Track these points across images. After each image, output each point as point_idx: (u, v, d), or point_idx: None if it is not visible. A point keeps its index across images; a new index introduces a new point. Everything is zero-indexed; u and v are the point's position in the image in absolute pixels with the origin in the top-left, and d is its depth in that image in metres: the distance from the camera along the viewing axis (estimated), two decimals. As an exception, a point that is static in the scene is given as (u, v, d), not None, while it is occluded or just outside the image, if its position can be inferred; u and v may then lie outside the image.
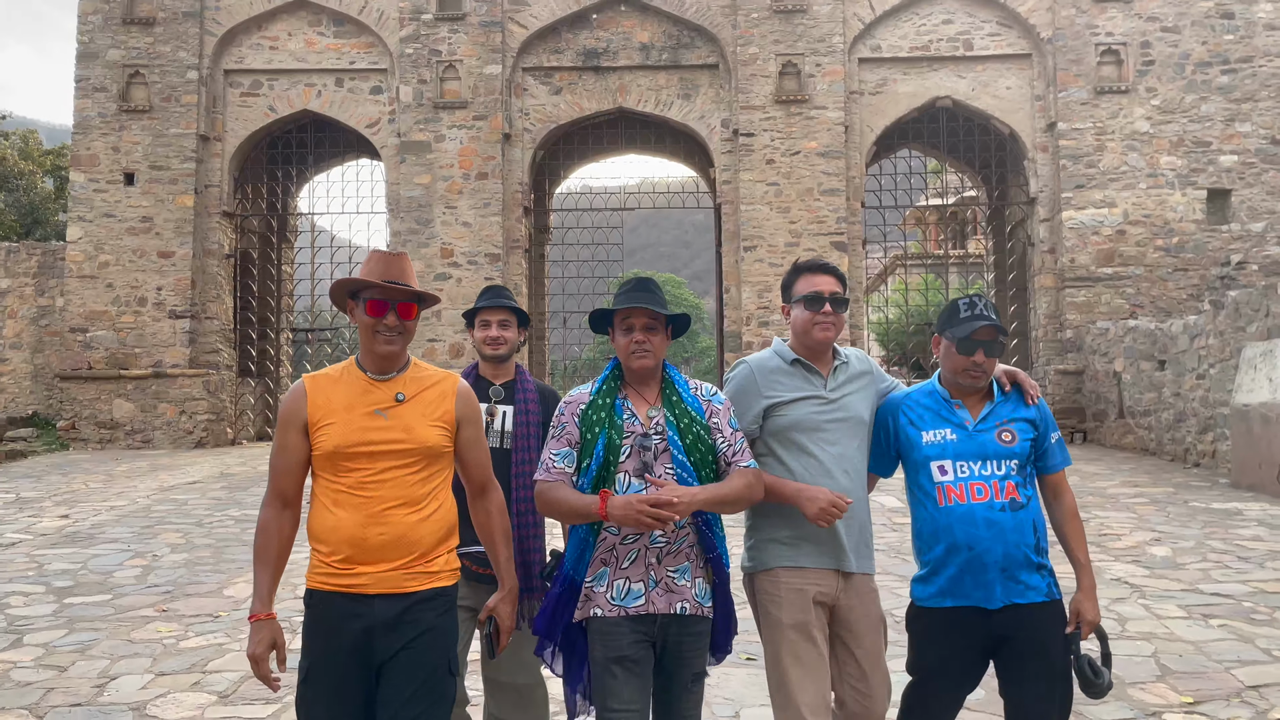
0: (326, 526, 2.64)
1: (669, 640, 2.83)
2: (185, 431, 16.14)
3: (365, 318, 2.69)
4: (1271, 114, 15.60)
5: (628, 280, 3.03)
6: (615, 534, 2.82)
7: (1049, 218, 16.07)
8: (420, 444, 2.67)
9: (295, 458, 2.69)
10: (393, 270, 2.72)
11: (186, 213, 16.45)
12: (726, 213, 16.67)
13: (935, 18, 16.33)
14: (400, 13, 16.57)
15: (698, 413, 2.92)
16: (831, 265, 3.20)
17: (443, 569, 2.71)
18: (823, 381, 3.10)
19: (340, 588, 2.60)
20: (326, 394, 2.69)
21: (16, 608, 6.46)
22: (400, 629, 2.60)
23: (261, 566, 2.69)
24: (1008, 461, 2.98)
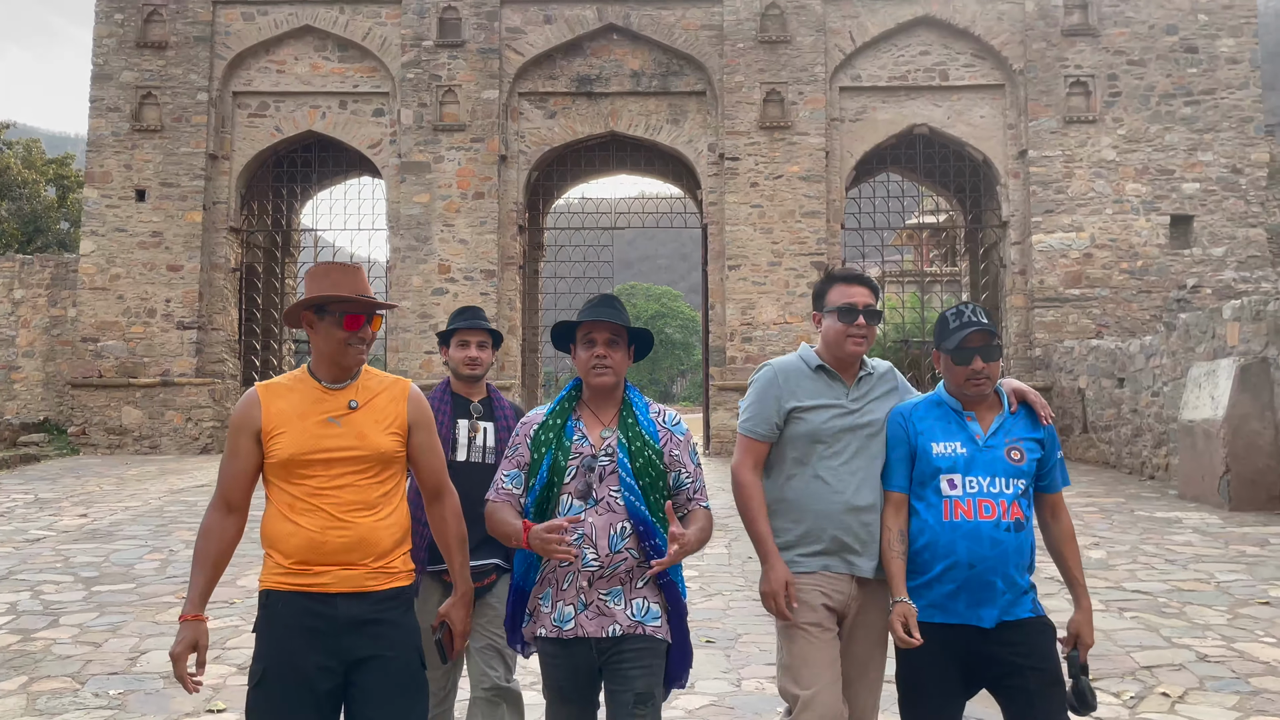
0: (283, 533, 2.64)
1: (607, 662, 2.80)
2: (191, 438, 16.82)
3: (338, 331, 2.68)
4: (1232, 144, 16.38)
5: (592, 298, 3.03)
6: None
7: (1020, 241, 16.82)
8: (374, 450, 2.69)
9: (245, 465, 2.70)
10: (358, 283, 2.73)
11: (195, 228, 17.17)
12: (712, 233, 17.42)
13: (913, 49, 17.12)
14: (402, 39, 17.33)
15: (652, 437, 2.89)
16: (866, 276, 3.16)
17: (401, 569, 2.73)
18: (845, 390, 3.07)
19: (301, 587, 2.61)
20: (280, 402, 2.69)
21: (50, 594, 7.14)
22: (367, 628, 2.62)
23: (199, 569, 2.68)
24: (1016, 481, 2.93)
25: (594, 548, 2.78)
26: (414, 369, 16.77)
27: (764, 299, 16.84)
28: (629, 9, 17.29)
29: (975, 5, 16.91)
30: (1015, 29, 16.81)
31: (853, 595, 3.01)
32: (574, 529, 2.73)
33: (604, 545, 2.79)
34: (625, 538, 2.81)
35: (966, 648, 2.88)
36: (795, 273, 16.82)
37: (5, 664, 5.58)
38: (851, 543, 2.99)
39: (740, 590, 7.25)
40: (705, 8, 17.27)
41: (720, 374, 16.99)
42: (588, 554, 2.77)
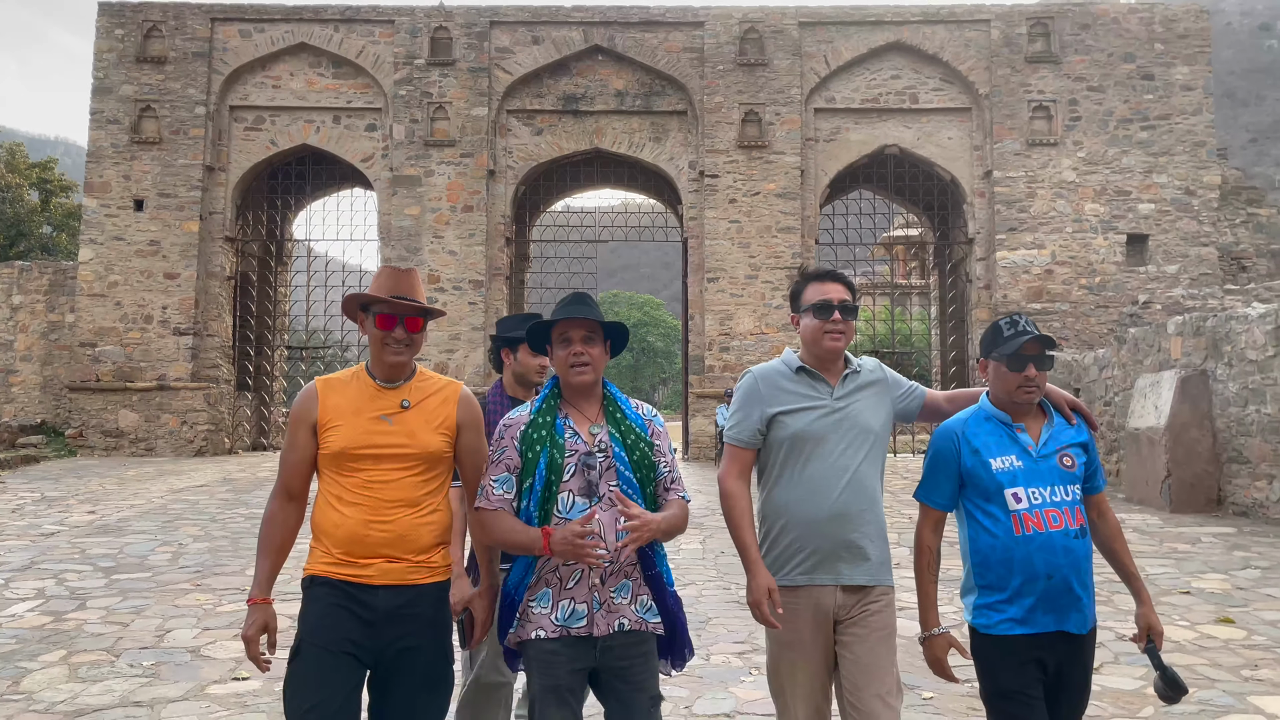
0: (331, 522, 2.74)
1: (613, 662, 2.80)
2: (186, 441, 17.35)
3: (374, 330, 2.80)
4: (1186, 167, 17.24)
5: (566, 295, 3.04)
6: None
7: (985, 257, 17.61)
8: (423, 449, 2.78)
9: (303, 455, 2.80)
10: (401, 286, 2.83)
11: (192, 237, 17.74)
12: (692, 246, 18.13)
13: (885, 73, 17.91)
14: (395, 58, 17.98)
15: (642, 430, 2.92)
16: (840, 273, 3.14)
17: (440, 564, 2.82)
18: (829, 390, 3.03)
19: (345, 576, 2.70)
20: (337, 397, 2.80)
21: (73, 581, 7.73)
22: (401, 621, 2.70)
23: (263, 555, 2.80)
24: (1073, 487, 2.95)
25: (604, 544, 2.77)
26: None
27: (741, 310, 17.55)
28: (614, 31, 18.01)
29: (944, 32, 17.72)
30: (981, 55, 17.63)
31: (840, 603, 2.96)
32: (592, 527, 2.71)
33: (612, 540, 2.78)
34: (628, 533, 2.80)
35: (1045, 656, 2.86)
36: (771, 285, 17.54)
37: (43, 640, 6.19)
38: (838, 550, 2.94)
39: (712, 581, 7.91)
40: (687, 31, 18.02)
41: (699, 382, 17.68)
42: (599, 551, 2.76)
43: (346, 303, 2.90)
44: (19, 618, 6.70)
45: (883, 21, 17.85)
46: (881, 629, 2.97)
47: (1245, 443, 10.93)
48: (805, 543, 2.95)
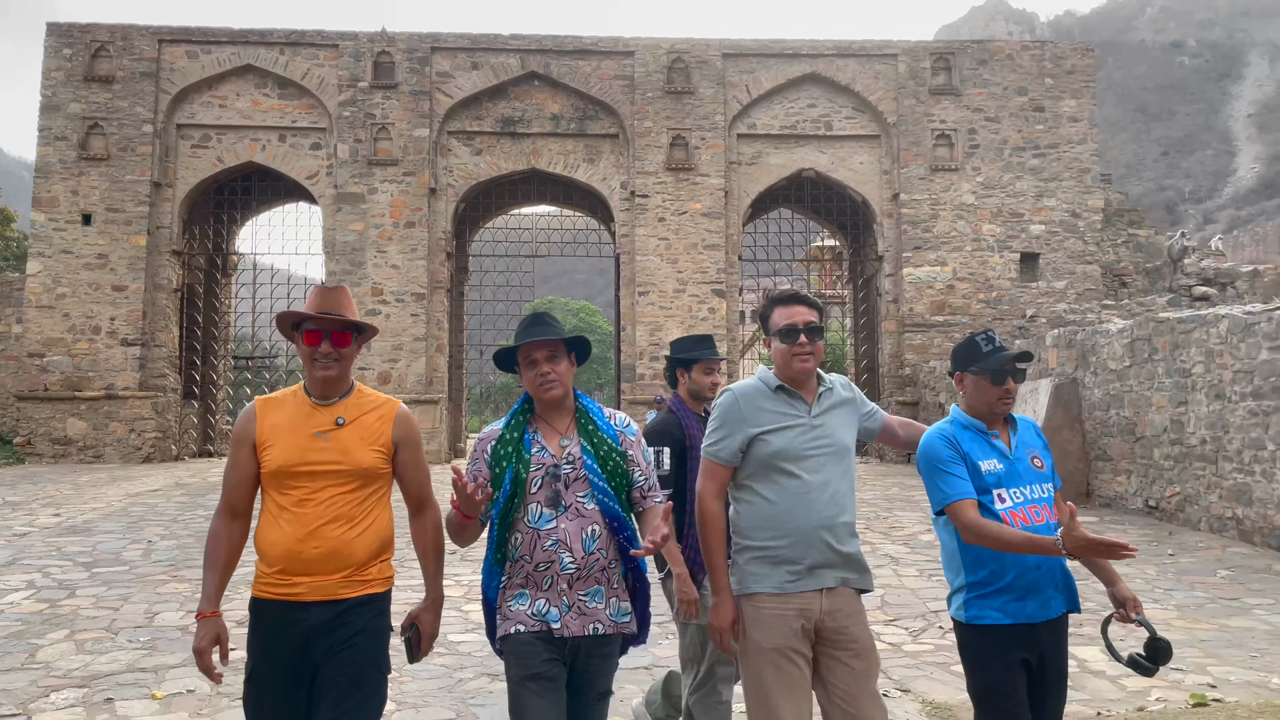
0: (268, 540, 2.81)
1: (579, 660, 2.93)
2: (135, 448, 17.93)
3: (303, 347, 2.87)
4: (1073, 191, 18.90)
5: (525, 317, 3.14)
6: (529, 562, 2.94)
7: (893, 273, 19.06)
8: (356, 466, 2.84)
9: (245, 474, 2.87)
10: (328, 302, 2.91)
11: (139, 251, 18.33)
12: (624, 261, 19.26)
13: (801, 102, 19.28)
14: (339, 80, 18.81)
15: (613, 440, 3.02)
16: (804, 295, 3.21)
17: (376, 577, 2.87)
18: (807, 408, 3.10)
19: (280, 596, 2.78)
20: (275, 416, 2.88)
21: (58, 574, 8.55)
22: (335, 631, 2.77)
23: (210, 570, 2.86)
24: (1046, 485, 3.13)
25: (569, 552, 2.91)
26: (347, 384, 18.18)
27: (670, 322, 18.73)
28: (549, 59, 19.08)
29: (856, 65, 19.16)
30: (890, 87, 19.09)
31: (822, 609, 3.02)
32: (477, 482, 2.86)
33: (579, 549, 2.91)
34: (596, 539, 2.94)
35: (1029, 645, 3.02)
36: (698, 299, 18.76)
37: (45, 622, 7.05)
38: (821, 560, 3.01)
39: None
40: (618, 60, 19.17)
41: (630, 389, 18.80)
42: (565, 558, 2.90)
43: (279, 323, 2.97)
44: (17, 605, 7.53)
45: (800, 54, 19.23)
46: (865, 638, 3.06)
47: (1108, 443, 12.41)
48: (795, 552, 3.00)
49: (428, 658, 3.17)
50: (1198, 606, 7.43)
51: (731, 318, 19.05)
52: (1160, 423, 11.29)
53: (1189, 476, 10.75)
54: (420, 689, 5.64)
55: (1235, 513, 9.94)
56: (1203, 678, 5.74)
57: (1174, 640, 6.31)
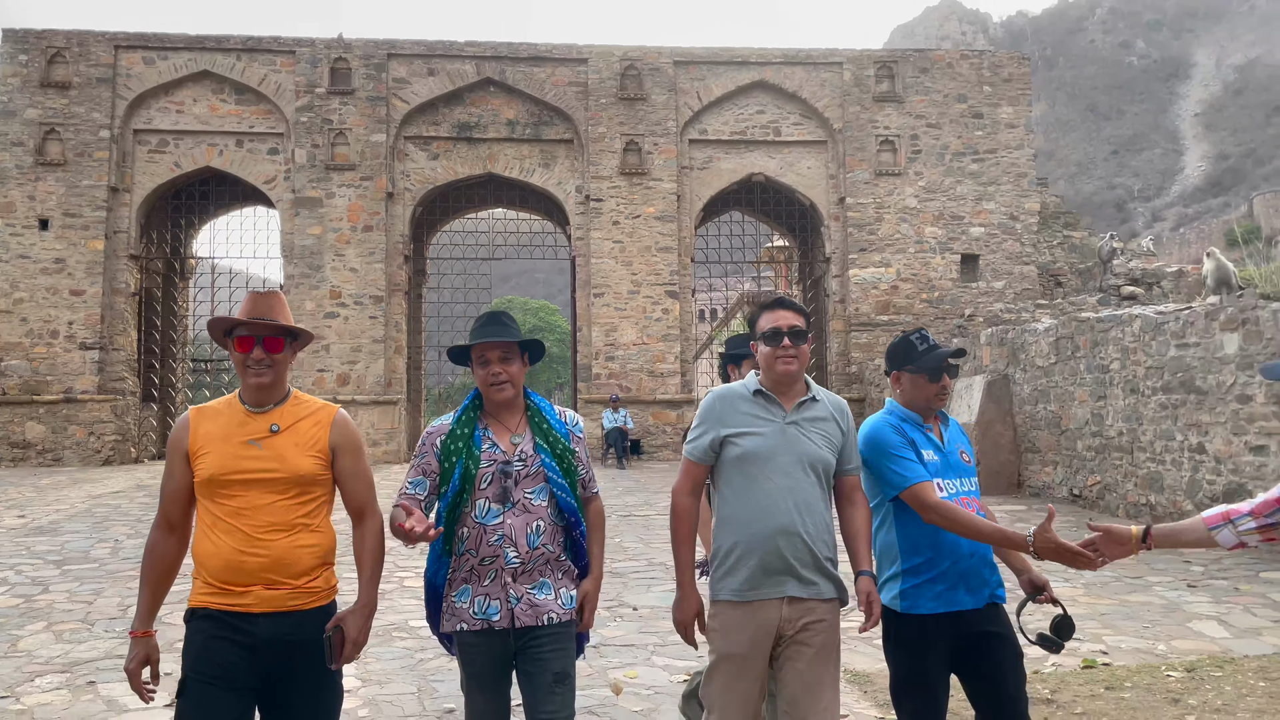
0: (207, 551, 2.74)
1: (533, 649, 2.98)
2: (94, 451, 18.08)
3: (235, 354, 2.84)
4: (1010, 195, 19.70)
5: (481, 315, 3.18)
6: (475, 556, 3.00)
7: (840, 274, 19.74)
8: (292, 473, 2.78)
9: (180, 484, 2.80)
10: (259, 308, 2.86)
11: (97, 255, 18.46)
12: (580, 264, 19.74)
13: (751, 108, 19.88)
14: (296, 86, 19.07)
15: (564, 437, 3.10)
16: (789, 300, 3.28)
17: (323, 587, 2.84)
18: (783, 414, 3.10)
19: (224, 606, 2.71)
20: (209, 424, 2.82)
21: (30, 571, 8.85)
22: (284, 645, 2.72)
23: (145, 586, 2.81)
24: (970, 479, 3.28)
25: (514, 546, 2.97)
26: (306, 386, 18.46)
27: (625, 323, 19.24)
28: (504, 65, 19.49)
29: (803, 73, 19.80)
30: (835, 94, 19.76)
31: (785, 617, 3.00)
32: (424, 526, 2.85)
33: (523, 544, 2.98)
34: (541, 534, 3.01)
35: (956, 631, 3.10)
36: (652, 300, 19.29)
37: (23, 615, 7.39)
38: (782, 568, 2.99)
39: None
40: (572, 67, 19.63)
41: (587, 388, 19.28)
42: (509, 553, 2.95)
43: (211, 329, 2.95)
44: (-7, 600, 7.86)
45: (749, 62, 19.83)
46: (825, 646, 3.01)
47: (1036, 435, 13.13)
48: (750, 558, 3.00)
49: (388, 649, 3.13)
50: (1103, 584, 8.08)
51: (685, 318, 19.61)
52: (1082, 416, 12.01)
53: (1108, 466, 11.47)
54: (384, 669, 6.08)
55: (1149, 499, 10.66)
56: (1097, 645, 6.36)
57: (1077, 614, 6.93)
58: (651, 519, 12.06)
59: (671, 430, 19.00)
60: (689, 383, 19.79)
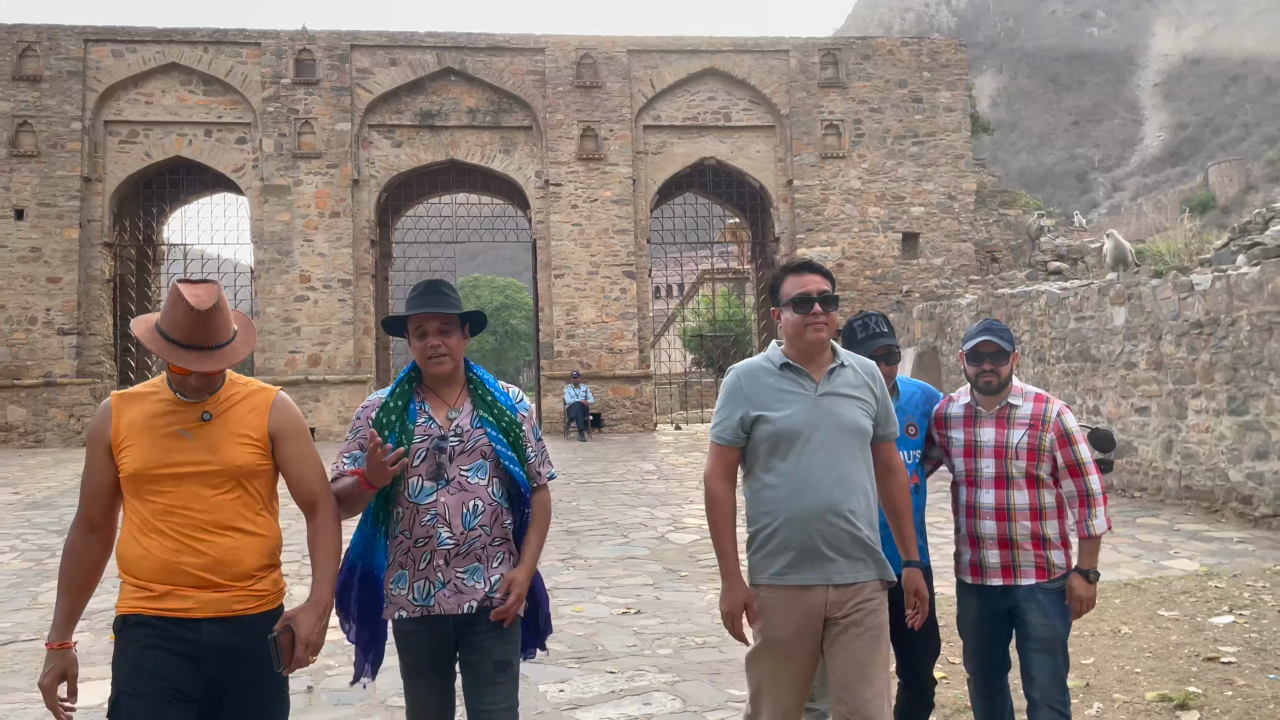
0: (136, 554, 2.49)
1: (464, 636, 2.86)
2: (74, 432, 18.79)
3: (171, 371, 2.54)
4: (948, 176, 20.77)
5: (419, 284, 2.96)
6: (409, 538, 2.85)
7: (789, 252, 20.75)
8: (228, 465, 2.54)
9: (101, 478, 2.55)
10: (200, 333, 2.48)
11: (72, 244, 19.10)
12: (540, 246, 20.61)
13: (702, 95, 20.78)
14: (262, 77, 19.72)
15: (511, 411, 2.94)
16: (817, 264, 3.11)
17: (270, 590, 2.62)
18: (814, 385, 2.95)
19: (162, 611, 2.46)
20: (133, 412, 2.55)
21: (35, 539, 9.72)
22: (227, 656, 2.50)
23: (63, 594, 2.57)
24: (915, 451, 3.46)
25: (448, 526, 2.82)
26: (279, 367, 19.30)
27: (584, 302, 20.17)
28: (464, 55, 20.24)
29: (751, 60, 20.71)
30: (782, 81, 20.69)
31: (832, 600, 2.89)
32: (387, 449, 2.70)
33: (458, 524, 2.82)
34: (478, 515, 2.85)
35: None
36: (610, 280, 20.22)
37: (37, 576, 8.27)
38: (826, 549, 2.87)
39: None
40: (530, 56, 20.41)
41: (549, 366, 20.22)
42: (442, 533, 2.81)
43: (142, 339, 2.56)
44: (7, 564, 8.73)
45: (699, 50, 20.71)
46: (874, 627, 2.91)
47: (961, 402, 14.26)
48: (794, 540, 2.88)
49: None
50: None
51: (643, 297, 20.57)
52: (999, 384, 13.14)
53: (1020, 429, 12.62)
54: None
55: (1053, 458, 11.81)
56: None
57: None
58: (608, 485, 13.08)
59: (630, 404, 20.00)
60: (646, 359, 20.77)
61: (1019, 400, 3.47)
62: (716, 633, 6.23)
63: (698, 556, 8.67)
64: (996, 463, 3.41)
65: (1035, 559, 3.38)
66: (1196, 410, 9.56)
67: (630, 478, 13.58)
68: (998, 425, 3.43)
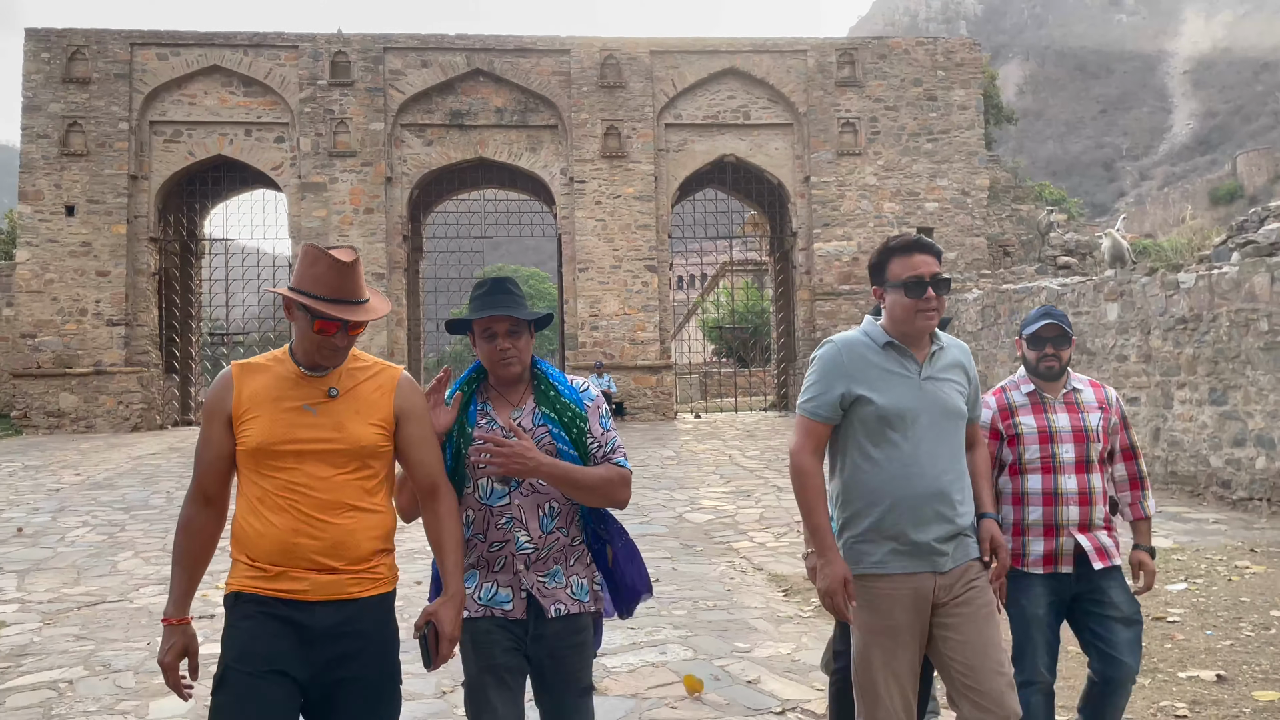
0: (254, 531, 2.44)
1: (548, 649, 2.77)
2: (123, 418, 19.79)
3: (311, 334, 2.47)
4: (962, 172, 21.33)
5: (483, 282, 2.87)
6: (483, 541, 2.78)
7: (805, 247, 21.41)
8: (353, 444, 2.48)
9: (218, 451, 2.49)
10: (348, 283, 2.49)
11: (120, 239, 20.05)
12: (565, 241, 21.37)
13: (722, 94, 21.43)
14: (300, 79, 20.56)
15: (579, 407, 2.83)
16: (928, 241, 2.93)
17: (385, 574, 2.55)
18: (918, 367, 2.88)
19: (274, 592, 2.42)
20: (254, 383, 2.50)
21: (104, 515, 10.61)
22: (341, 639, 2.44)
23: (180, 567, 2.52)
24: None
25: (525, 530, 2.75)
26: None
27: (608, 295, 20.91)
28: (493, 57, 20.99)
29: (770, 60, 21.33)
30: (800, 80, 21.30)
31: (940, 585, 2.83)
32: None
33: (535, 528, 2.75)
34: (555, 517, 2.78)
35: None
36: (632, 274, 20.95)
37: (112, 547, 9.15)
38: (932, 536, 2.81)
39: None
40: (556, 57, 21.14)
41: (574, 356, 21.00)
42: (520, 537, 2.74)
43: (287, 301, 2.54)
44: (83, 536, 9.62)
45: (720, 51, 21.35)
46: (986, 605, 2.87)
47: (968, 392, 14.90)
48: (901, 526, 2.80)
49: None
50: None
51: (663, 290, 21.30)
52: (1003, 375, 13.76)
53: (1022, 418, 13.26)
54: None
55: (1051, 445, 12.45)
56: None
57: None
58: (628, 470, 13.83)
59: (651, 394, 20.74)
60: (667, 349, 21.51)
61: (1080, 385, 3.53)
62: (726, 598, 7.00)
63: (713, 534, 9.44)
64: (1076, 447, 3.40)
65: (1110, 540, 3.44)
66: (1181, 400, 10.19)
67: (651, 463, 14.33)
68: (1069, 410, 3.45)
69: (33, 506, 11.23)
